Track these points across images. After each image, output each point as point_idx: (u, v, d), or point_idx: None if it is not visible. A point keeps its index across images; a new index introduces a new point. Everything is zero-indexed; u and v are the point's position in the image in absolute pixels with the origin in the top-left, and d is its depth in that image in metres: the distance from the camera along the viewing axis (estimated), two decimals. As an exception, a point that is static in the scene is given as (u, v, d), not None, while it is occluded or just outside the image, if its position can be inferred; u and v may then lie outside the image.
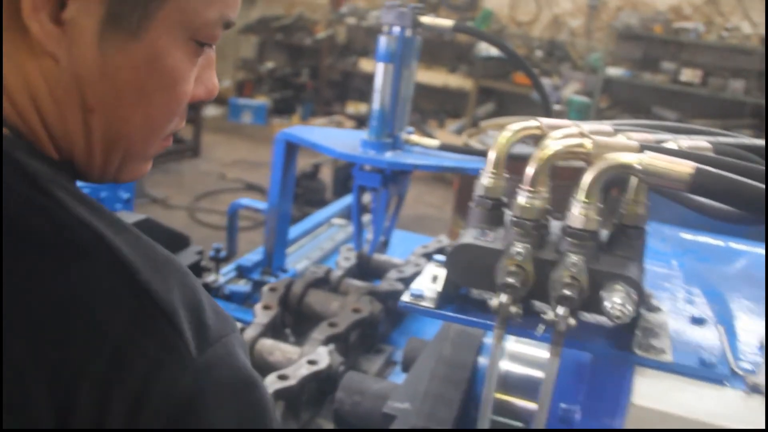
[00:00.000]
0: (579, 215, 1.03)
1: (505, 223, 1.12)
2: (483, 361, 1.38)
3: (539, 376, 1.30)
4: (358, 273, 2.18)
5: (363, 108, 9.31)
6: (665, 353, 1.06)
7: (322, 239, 2.73)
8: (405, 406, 1.30)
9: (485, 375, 1.12)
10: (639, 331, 1.09)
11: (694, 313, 1.24)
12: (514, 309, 1.03)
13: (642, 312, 1.13)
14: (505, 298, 1.03)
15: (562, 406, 1.21)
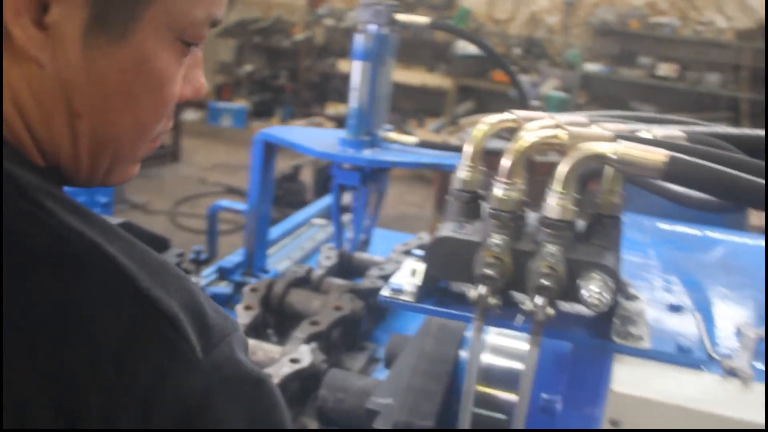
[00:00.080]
0: (555, 205, 1.04)
1: (483, 215, 1.12)
2: (465, 355, 1.38)
3: (521, 368, 1.30)
4: (340, 272, 2.18)
5: (343, 109, 9.27)
6: (643, 340, 1.07)
7: (302, 239, 2.73)
8: (388, 402, 1.30)
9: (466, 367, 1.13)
10: (617, 319, 1.10)
11: (672, 301, 1.25)
12: (492, 300, 1.04)
13: (620, 300, 1.14)
14: (483, 289, 1.04)
15: (544, 396, 1.22)
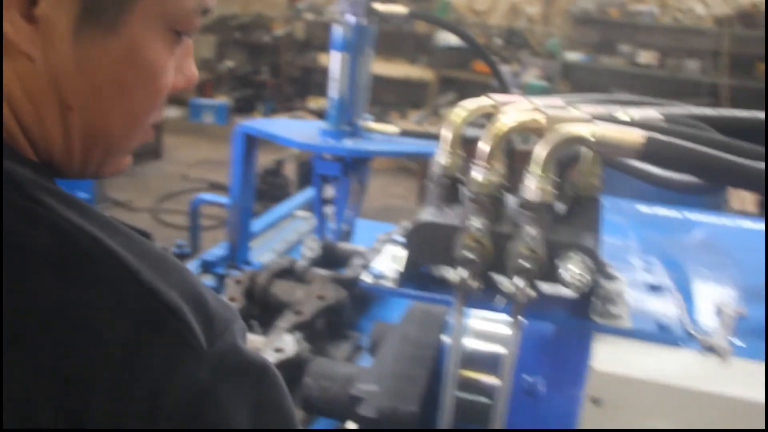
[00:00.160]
0: (534, 188, 1.04)
1: (462, 199, 1.13)
2: (448, 340, 1.39)
3: (504, 352, 1.31)
4: (324, 262, 2.18)
5: (324, 103, 9.19)
6: (623, 319, 1.08)
7: (286, 232, 2.73)
8: (372, 388, 1.30)
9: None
10: (597, 300, 1.11)
11: (652, 281, 1.26)
12: (473, 283, 1.04)
13: (600, 281, 1.15)
14: (464, 272, 1.04)
15: (526, 378, 1.23)
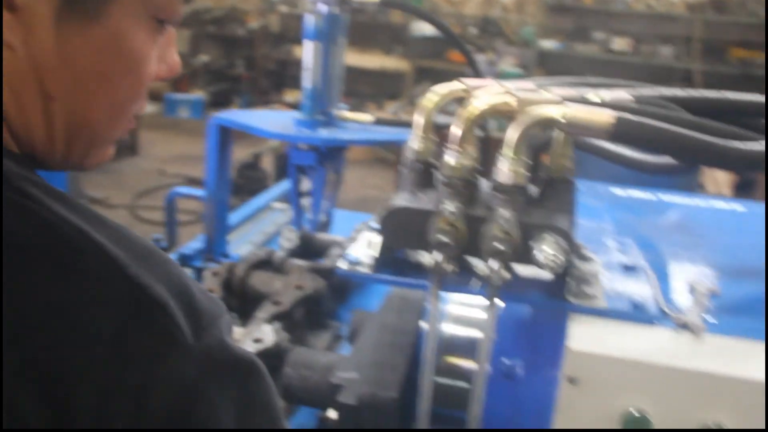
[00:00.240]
0: (507, 171, 1.05)
1: (436, 184, 1.13)
2: (426, 325, 1.39)
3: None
4: (302, 253, 2.17)
5: (301, 95, 9.24)
6: (598, 299, 1.09)
7: (264, 224, 2.72)
8: (352, 376, 1.30)
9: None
10: (572, 280, 1.11)
11: (626, 262, 1.27)
12: (448, 266, 1.05)
13: (574, 262, 1.15)
14: (439, 256, 1.05)
15: (504, 361, 1.24)
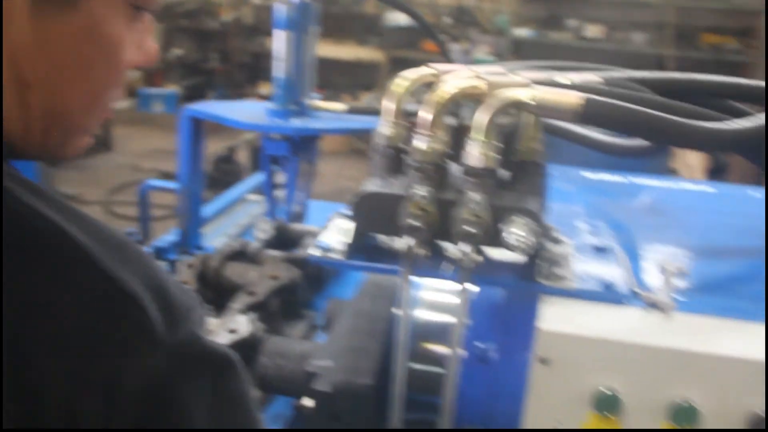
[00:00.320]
0: (477, 154, 1.05)
1: (407, 169, 1.13)
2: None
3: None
4: (277, 244, 2.17)
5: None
6: (569, 280, 1.10)
7: (238, 216, 2.70)
8: (327, 363, 1.30)
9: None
10: (543, 263, 1.12)
11: (598, 244, 1.28)
12: (420, 251, 1.05)
13: (545, 244, 1.16)
14: (410, 240, 1.05)
15: (478, 345, 1.24)
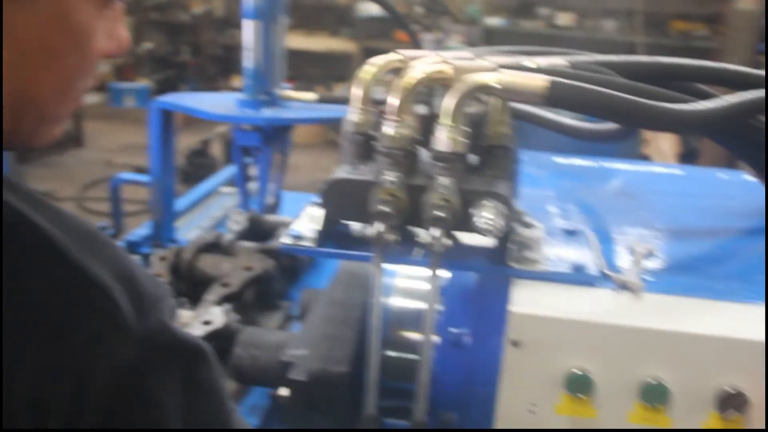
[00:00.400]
0: (445, 138, 1.05)
1: (376, 155, 1.13)
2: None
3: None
4: (251, 235, 2.16)
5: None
6: (540, 263, 1.10)
7: (212, 209, 2.69)
8: (302, 353, 1.30)
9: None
10: (514, 246, 1.13)
11: (568, 227, 1.28)
12: (391, 236, 1.05)
13: (516, 228, 1.17)
14: (381, 226, 1.05)
15: (452, 330, 1.25)
